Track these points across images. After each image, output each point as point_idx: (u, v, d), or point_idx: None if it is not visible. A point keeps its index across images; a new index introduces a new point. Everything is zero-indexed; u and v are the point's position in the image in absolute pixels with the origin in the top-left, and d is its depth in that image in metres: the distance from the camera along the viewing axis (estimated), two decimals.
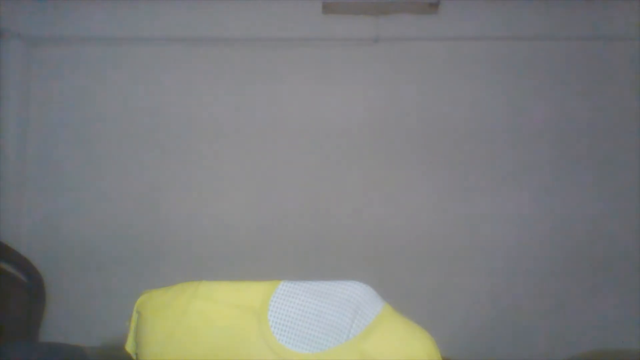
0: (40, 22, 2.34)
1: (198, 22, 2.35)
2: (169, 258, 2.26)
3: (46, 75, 2.36)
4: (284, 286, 0.89)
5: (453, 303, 2.23)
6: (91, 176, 2.32)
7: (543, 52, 2.35)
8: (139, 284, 1.03)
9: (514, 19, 2.33)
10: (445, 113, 2.33)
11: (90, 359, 1.54)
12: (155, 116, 2.36)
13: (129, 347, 0.91)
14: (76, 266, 2.26)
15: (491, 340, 2.19)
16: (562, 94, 2.33)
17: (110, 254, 2.27)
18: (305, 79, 2.36)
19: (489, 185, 2.30)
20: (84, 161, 2.33)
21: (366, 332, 0.84)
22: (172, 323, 0.86)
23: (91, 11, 2.33)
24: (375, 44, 2.35)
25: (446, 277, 2.25)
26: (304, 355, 0.82)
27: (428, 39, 2.35)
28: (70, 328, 2.15)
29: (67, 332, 2.08)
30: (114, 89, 2.36)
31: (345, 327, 0.84)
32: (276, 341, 0.83)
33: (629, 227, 2.25)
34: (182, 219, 2.30)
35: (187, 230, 2.29)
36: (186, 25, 2.35)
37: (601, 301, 2.21)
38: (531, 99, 2.33)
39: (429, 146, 2.32)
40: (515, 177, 2.30)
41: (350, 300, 0.86)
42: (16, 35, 2.31)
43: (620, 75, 2.32)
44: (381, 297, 0.89)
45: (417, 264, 2.25)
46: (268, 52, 2.37)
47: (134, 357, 0.90)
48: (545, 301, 2.23)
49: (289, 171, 2.33)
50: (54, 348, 1.53)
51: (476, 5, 2.32)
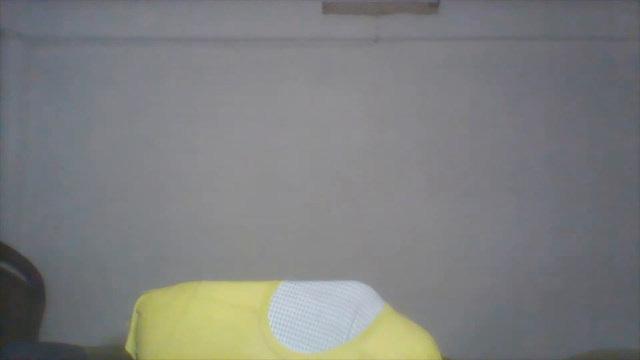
0: (40, 22, 2.34)
1: (198, 22, 2.35)
2: (169, 258, 2.26)
3: (46, 75, 2.37)
4: (284, 286, 0.88)
5: (453, 303, 2.23)
6: (91, 176, 2.33)
7: (543, 52, 2.35)
8: (139, 284, 1.03)
9: (514, 19, 2.33)
10: (445, 113, 2.34)
11: (90, 359, 1.54)
12: (155, 116, 2.36)
13: (129, 347, 0.91)
14: (76, 266, 2.27)
15: (491, 340, 2.19)
16: (562, 94, 2.33)
17: (110, 254, 2.27)
18: (305, 79, 2.36)
19: (489, 185, 2.30)
20: (84, 161, 2.33)
21: (366, 332, 0.84)
22: (172, 323, 0.86)
23: (91, 11, 2.34)
24: (375, 44, 2.35)
25: (446, 277, 2.25)
26: (304, 355, 0.82)
27: (428, 39, 2.35)
28: (70, 328, 2.15)
29: (67, 332, 2.08)
30: (114, 89, 2.36)
31: (345, 327, 0.84)
32: (276, 341, 0.83)
33: (629, 227, 2.25)
34: (182, 219, 2.30)
35: (187, 230, 2.29)
36: (186, 25, 2.35)
37: (601, 301, 2.22)
38: (531, 99, 2.33)
39: (429, 146, 2.33)
40: (515, 177, 2.30)
41: (350, 300, 0.86)
42: (16, 35, 2.31)
43: (620, 75, 2.32)
44: (381, 297, 0.89)
45: (417, 264, 2.26)
46: (268, 52, 2.37)
47: (134, 357, 0.90)
48: (545, 301, 2.23)
49: (289, 171, 2.33)
50: (54, 348, 1.53)
51: (476, 5, 2.32)
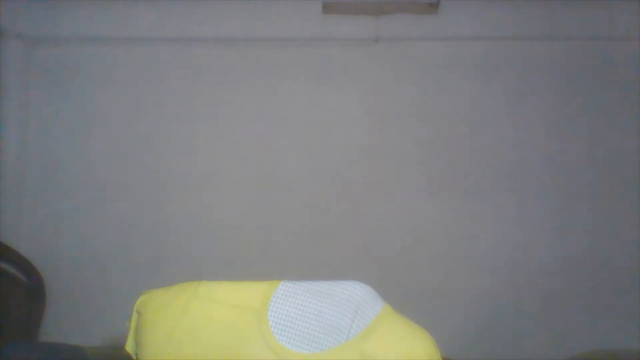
0: (40, 22, 2.34)
1: (198, 22, 2.35)
2: (169, 258, 2.26)
3: (46, 75, 2.37)
4: (284, 286, 0.88)
5: (453, 303, 2.23)
6: (91, 176, 2.33)
7: (543, 52, 2.35)
8: (139, 284, 1.03)
9: (514, 19, 2.33)
10: (445, 113, 2.34)
11: (90, 359, 1.54)
12: (155, 116, 2.36)
13: (129, 347, 0.91)
14: (76, 266, 2.27)
15: (491, 340, 2.19)
16: (562, 94, 2.33)
17: (110, 254, 2.27)
18: (305, 79, 2.36)
19: (489, 185, 2.30)
20: (84, 161, 2.33)
21: (366, 332, 0.84)
22: (172, 323, 0.86)
23: (91, 11, 2.34)
24: (375, 44, 2.35)
25: (446, 277, 2.25)
26: (304, 355, 0.82)
27: (428, 39, 2.35)
28: (70, 328, 2.15)
29: (67, 332, 2.08)
30: (114, 89, 2.36)
31: (345, 327, 0.84)
32: (276, 341, 0.83)
33: (629, 227, 2.25)
34: (182, 219, 2.30)
35: (187, 230, 2.29)
36: (186, 25, 2.35)
37: (601, 301, 2.22)
38: (531, 99, 2.33)
39: (429, 146, 2.32)
40: (515, 177, 2.30)
41: (350, 300, 0.86)
42: (16, 35, 2.31)
43: (620, 75, 2.32)
44: (381, 297, 0.89)
45: (417, 264, 2.26)
46: (268, 52, 2.37)
47: (134, 357, 0.90)
48: (545, 301, 2.23)
49: (289, 171, 2.33)
50: (54, 348, 1.53)
51: (476, 5, 2.32)
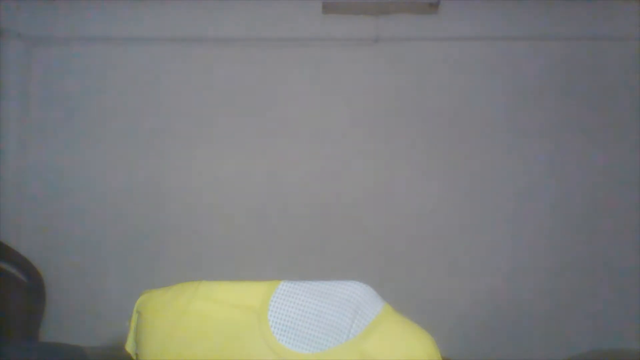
0: (40, 22, 2.34)
1: (198, 22, 2.35)
2: (169, 258, 2.26)
3: (46, 75, 2.37)
4: (284, 286, 0.89)
5: (453, 303, 2.23)
6: (91, 176, 2.33)
7: (543, 52, 2.35)
8: (139, 284, 1.03)
9: (514, 19, 2.33)
10: (445, 113, 2.33)
11: (90, 359, 1.54)
12: (155, 116, 2.36)
13: (129, 347, 0.91)
14: (76, 266, 2.27)
15: (491, 340, 2.19)
16: (562, 94, 2.33)
17: (110, 254, 2.27)
18: (305, 79, 2.36)
19: (489, 185, 2.30)
20: (84, 161, 2.33)
21: (366, 332, 0.84)
22: (172, 323, 0.86)
23: (91, 11, 2.33)
24: (375, 44, 2.35)
25: (446, 277, 2.25)
26: (304, 355, 0.82)
27: (428, 39, 2.35)
28: (70, 328, 2.15)
29: (67, 332, 2.08)
30: (114, 89, 2.36)
31: (345, 327, 0.84)
32: (276, 341, 0.83)
33: (629, 227, 2.25)
34: (182, 219, 2.30)
35: (187, 230, 2.29)
36: (186, 25, 2.35)
37: (601, 301, 2.22)
38: (531, 99, 2.33)
39: (429, 146, 2.32)
40: (515, 177, 2.30)
41: (350, 300, 0.86)
42: (16, 35, 2.31)
43: (620, 75, 2.32)
44: (381, 297, 0.89)
45: (418, 264, 2.26)
46: (268, 52, 2.37)
47: (134, 357, 0.90)
48: (545, 301, 2.23)
49: (289, 171, 2.33)
50: (54, 348, 1.53)
51: (476, 5, 2.32)
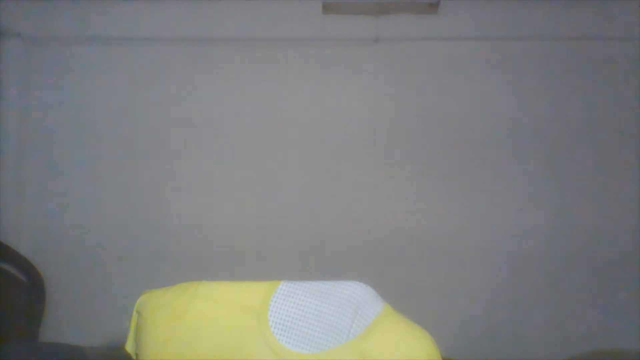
0: (40, 22, 2.34)
1: (198, 22, 2.35)
2: (169, 258, 2.26)
3: (46, 75, 2.36)
4: (284, 286, 0.89)
5: (453, 303, 2.23)
6: (91, 176, 2.32)
7: (543, 52, 2.35)
8: (139, 284, 1.03)
9: (514, 19, 2.33)
10: (445, 113, 2.33)
11: (90, 359, 1.54)
12: (155, 116, 2.36)
13: (129, 347, 0.91)
14: (76, 266, 2.26)
15: (491, 340, 2.19)
16: (562, 94, 2.33)
17: (110, 254, 2.27)
18: (305, 79, 2.36)
19: (489, 185, 2.30)
20: (84, 161, 2.33)
21: (366, 332, 0.84)
22: (172, 323, 0.86)
23: (91, 11, 2.33)
24: (375, 44, 2.35)
25: (446, 277, 2.25)
26: (304, 355, 0.83)
27: (428, 39, 2.35)
28: (70, 328, 2.15)
29: (67, 332, 2.08)
30: (114, 89, 2.36)
31: (345, 327, 0.84)
32: (276, 341, 0.84)
33: (629, 227, 2.25)
34: (182, 219, 2.30)
35: (187, 230, 2.29)
36: (186, 25, 2.35)
37: (601, 301, 2.22)
38: (531, 99, 2.33)
39: (429, 146, 2.32)
40: (515, 177, 2.30)
41: (350, 300, 0.86)
42: (16, 35, 2.31)
43: (620, 75, 2.32)
44: (381, 297, 0.89)
45: (417, 264, 2.25)
46: (268, 52, 2.37)
47: (134, 357, 0.90)
48: (545, 301, 2.23)
49: (289, 171, 2.33)
50: (54, 348, 1.53)
51: (476, 5, 2.32)
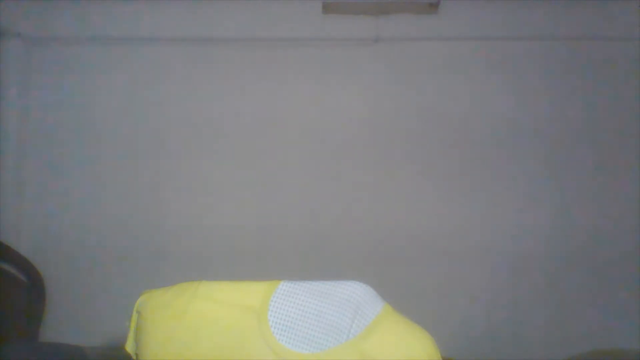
0: (40, 22, 2.34)
1: (198, 22, 2.35)
2: (169, 258, 2.26)
3: (46, 75, 2.36)
4: (284, 286, 0.89)
5: (453, 303, 2.23)
6: (91, 176, 2.33)
7: (543, 52, 2.35)
8: (139, 284, 1.03)
9: (514, 19, 2.33)
10: (445, 113, 2.33)
11: (90, 359, 1.54)
12: (155, 116, 2.36)
13: (129, 347, 0.91)
14: (76, 266, 2.26)
15: (491, 340, 2.19)
16: (562, 94, 2.33)
17: (110, 254, 2.27)
18: (305, 79, 2.36)
19: (489, 185, 2.30)
20: (84, 161, 2.33)
21: (366, 332, 0.84)
22: (172, 323, 0.86)
23: (91, 11, 2.33)
24: (375, 44, 2.35)
25: (446, 277, 2.25)
26: (304, 355, 0.83)
27: (428, 39, 2.35)
28: (70, 328, 2.15)
29: (67, 332, 2.08)
30: (114, 89, 2.36)
31: (345, 327, 0.84)
32: (276, 341, 0.84)
33: (629, 227, 2.25)
34: (182, 219, 2.30)
35: (187, 230, 2.29)
36: (186, 25, 2.35)
37: (601, 301, 2.22)
38: (531, 99, 2.33)
39: (429, 146, 2.32)
40: (515, 177, 2.30)
41: (350, 300, 0.86)
42: (16, 35, 2.31)
43: (620, 75, 2.32)
44: (381, 297, 0.89)
45: (417, 264, 2.25)
46: (268, 52, 2.37)
47: (134, 357, 0.90)
48: (545, 301, 2.23)
49: (289, 171, 2.33)
50: (54, 348, 1.53)
51: (476, 5, 2.32)
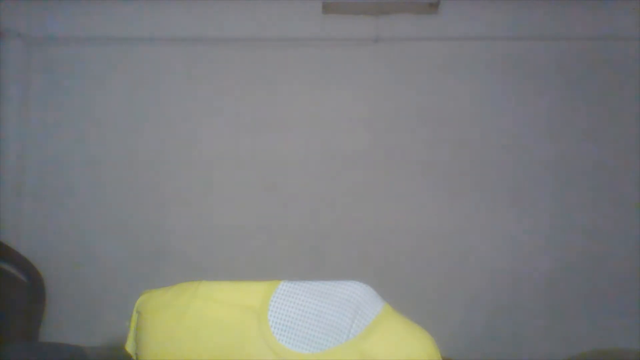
0: (40, 22, 2.34)
1: (198, 22, 2.35)
2: (169, 258, 2.26)
3: (46, 75, 2.37)
4: (284, 286, 0.89)
5: (453, 303, 2.23)
6: (91, 176, 2.33)
7: (543, 52, 2.35)
8: (139, 284, 1.03)
9: (514, 19, 2.33)
10: (445, 113, 2.33)
11: (90, 359, 1.54)
12: (155, 116, 2.36)
13: (129, 347, 0.91)
14: (76, 266, 2.27)
15: (491, 340, 2.19)
16: (562, 94, 2.33)
17: (110, 254, 2.27)
18: (305, 79, 2.36)
19: (489, 185, 2.30)
20: (84, 161, 2.33)
21: (366, 332, 0.84)
22: (172, 323, 0.86)
23: (91, 11, 2.34)
24: (375, 44, 2.35)
25: (446, 277, 2.25)
26: (304, 355, 0.82)
27: (428, 39, 2.35)
28: (70, 328, 2.15)
29: (67, 332, 2.08)
30: (114, 89, 2.36)
31: (345, 327, 0.84)
32: (276, 341, 0.83)
33: (629, 227, 2.25)
34: (182, 219, 2.30)
35: (188, 230, 2.29)
36: (186, 25, 2.35)
37: (601, 301, 2.22)
38: (531, 99, 2.33)
39: (429, 146, 2.32)
40: (515, 177, 2.30)
41: (350, 300, 0.86)
42: (16, 35, 2.31)
43: (620, 75, 2.32)
44: (381, 297, 0.89)
45: (417, 264, 2.26)
46: (268, 52, 2.37)
47: (134, 357, 0.90)
48: (545, 301, 2.23)
49: (289, 171, 2.33)
50: (54, 348, 1.54)
51: (476, 5, 2.32)
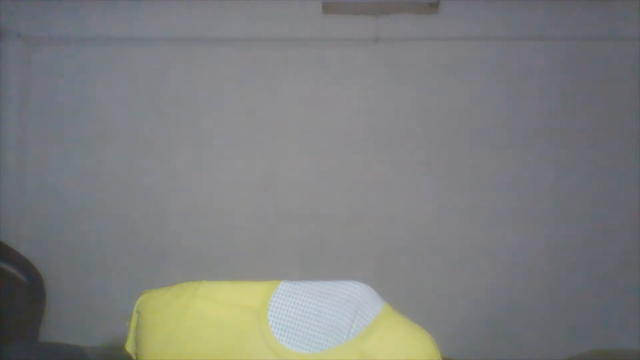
0: (40, 22, 2.34)
1: (198, 22, 2.35)
2: (169, 258, 2.26)
3: (46, 75, 2.37)
4: (284, 286, 0.89)
5: (453, 303, 2.23)
6: (91, 176, 2.33)
7: (543, 52, 2.35)
8: (139, 284, 1.03)
9: (514, 19, 2.33)
10: (445, 113, 2.33)
11: (90, 359, 1.54)
12: (155, 116, 2.36)
13: (129, 347, 0.91)
14: (76, 266, 2.27)
15: (491, 340, 2.19)
16: (562, 94, 2.33)
17: (110, 254, 2.27)
18: (305, 79, 2.36)
19: (489, 185, 2.30)
20: (84, 161, 2.33)
21: (366, 332, 0.84)
22: (172, 323, 0.86)
23: (91, 11, 2.34)
24: (375, 44, 2.35)
25: (446, 277, 2.25)
26: (304, 355, 0.83)
27: (428, 39, 2.35)
28: (70, 328, 2.15)
29: (67, 332, 2.08)
30: (114, 89, 2.36)
31: (345, 327, 0.84)
32: (276, 341, 0.84)
33: (629, 227, 2.25)
34: (183, 219, 2.30)
35: (188, 230, 2.29)
36: (186, 25, 2.35)
37: (601, 301, 2.22)
38: (531, 99, 2.33)
39: (429, 146, 2.32)
40: (515, 177, 2.30)
41: (350, 300, 0.86)
42: (16, 35, 2.31)
43: (620, 75, 2.32)
44: (381, 297, 0.89)
45: (417, 264, 2.26)
46: (268, 52, 2.37)
47: (134, 357, 0.90)
48: (545, 301, 2.23)
49: (289, 171, 2.33)
50: (54, 348, 1.54)
51: (476, 5, 2.32)
